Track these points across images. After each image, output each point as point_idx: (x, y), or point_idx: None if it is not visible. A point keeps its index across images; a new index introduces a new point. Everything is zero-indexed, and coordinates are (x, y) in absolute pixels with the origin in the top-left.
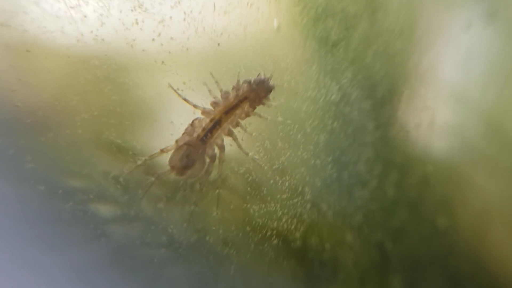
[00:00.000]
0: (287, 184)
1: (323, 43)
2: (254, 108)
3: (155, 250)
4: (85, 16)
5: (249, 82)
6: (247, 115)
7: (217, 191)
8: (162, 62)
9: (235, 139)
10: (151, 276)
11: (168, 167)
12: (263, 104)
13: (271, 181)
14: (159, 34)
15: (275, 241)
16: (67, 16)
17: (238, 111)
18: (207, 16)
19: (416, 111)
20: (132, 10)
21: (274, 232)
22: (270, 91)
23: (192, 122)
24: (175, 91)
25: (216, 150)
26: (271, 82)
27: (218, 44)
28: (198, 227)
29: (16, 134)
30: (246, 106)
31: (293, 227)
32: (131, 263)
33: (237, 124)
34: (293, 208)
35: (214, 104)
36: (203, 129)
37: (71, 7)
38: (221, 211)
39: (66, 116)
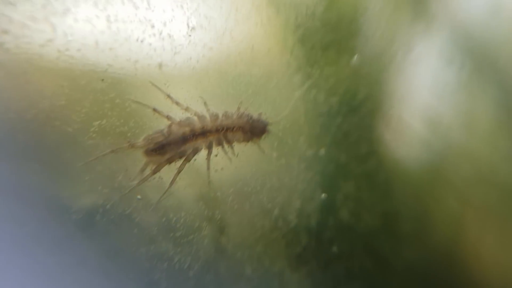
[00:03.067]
0: (182, 220)
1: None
2: (242, 141)
3: None
4: None
5: (250, 117)
6: (229, 143)
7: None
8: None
9: (209, 154)
10: None
11: (141, 142)
12: (250, 141)
13: (164, 219)
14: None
15: (164, 285)
16: None
17: (228, 134)
18: (87, 54)
19: (313, 139)
20: None
21: (164, 274)
22: (263, 134)
23: (185, 119)
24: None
25: (190, 152)
26: (268, 127)
27: (102, 80)
28: None
29: None
30: (236, 134)
31: (186, 266)
32: None
33: (220, 144)
34: (187, 246)
35: (214, 116)
36: (191, 130)
37: None
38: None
39: None
